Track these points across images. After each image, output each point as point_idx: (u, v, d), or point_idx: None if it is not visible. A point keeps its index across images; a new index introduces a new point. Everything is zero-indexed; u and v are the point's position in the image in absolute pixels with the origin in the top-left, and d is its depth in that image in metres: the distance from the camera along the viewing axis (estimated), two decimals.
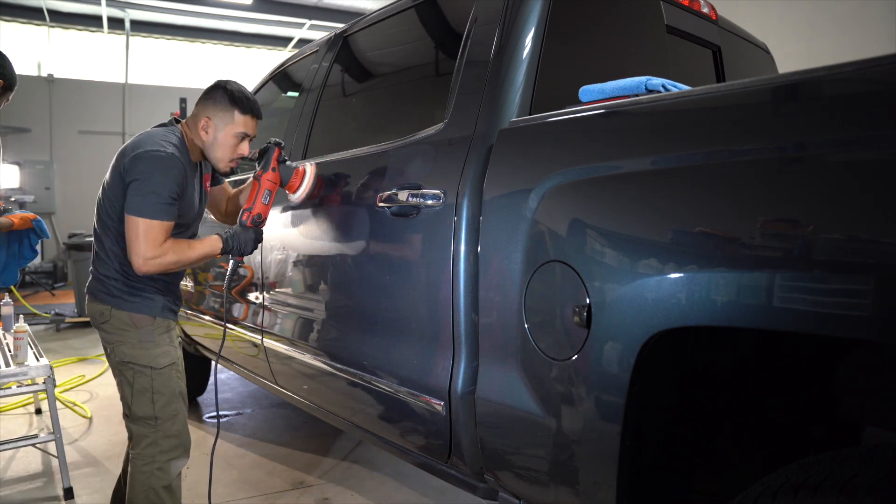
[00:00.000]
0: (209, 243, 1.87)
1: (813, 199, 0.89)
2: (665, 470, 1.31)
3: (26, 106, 9.57)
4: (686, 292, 1.01)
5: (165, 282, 1.92)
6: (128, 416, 1.88)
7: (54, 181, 9.74)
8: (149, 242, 1.73)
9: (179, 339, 2.03)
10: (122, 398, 1.88)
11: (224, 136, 1.91)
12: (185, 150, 1.88)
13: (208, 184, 2.09)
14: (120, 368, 1.86)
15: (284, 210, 2.21)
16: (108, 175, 1.85)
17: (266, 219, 1.97)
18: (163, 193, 1.74)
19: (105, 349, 1.93)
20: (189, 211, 1.92)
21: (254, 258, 2.41)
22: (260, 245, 2.28)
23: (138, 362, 1.83)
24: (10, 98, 2.51)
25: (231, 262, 1.96)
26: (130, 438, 1.89)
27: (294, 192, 2.04)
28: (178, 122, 1.97)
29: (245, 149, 1.97)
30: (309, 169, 2.03)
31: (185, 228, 1.94)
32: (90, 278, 1.92)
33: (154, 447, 1.83)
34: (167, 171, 1.75)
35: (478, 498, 1.61)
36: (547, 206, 1.28)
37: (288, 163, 2.03)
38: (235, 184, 2.56)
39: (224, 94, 1.91)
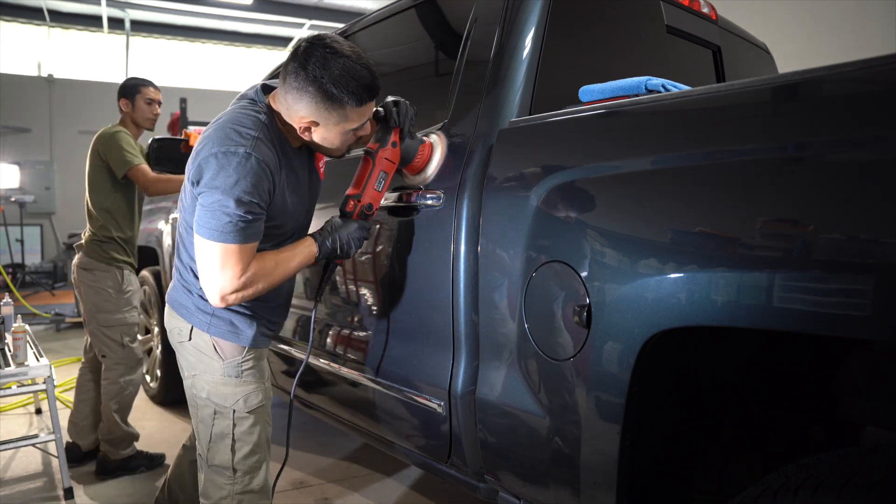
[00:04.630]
0: (301, 252, 1.46)
1: (813, 199, 0.89)
2: (665, 470, 1.31)
3: (26, 106, 9.59)
4: (686, 292, 1.01)
5: (264, 297, 1.49)
6: (201, 456, 1.56)
7: (54, 181, 9.74)
8: (226, 274, 1.33)
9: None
10: (197, 435, 1.56)
11: (334, 135, 1.43)
12: (275, 136, 1.41)
13: (322, 165, 1.62)
14: (196, 402, 1.53)
15: None
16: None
17: (378, 209, 1.55)
18: (238, 210, 1.30)
19: (180, 370, 1.60)
20: (292, 215, 1.49)
21: None
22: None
23: (220, 402, 1.49)
24: None
25: (329, 264, 1.55)
26: (201, 483, 1.58)
27: (416, 172, 1.58)
28: (267, 88, 1.49)
29: (367, 129, 1.49)
30: (438, 143, 1.58)
31: (289, 236, 1.52)
32: (172, 284, 1.60)
33: (230, 502, 1.52)
34: (243, 179, 1.30)
35: (478, 498, 1.61)
36: (547, 206, 1.28)
37: (414, 138, 1.57)
38: None
39: (321, 87, 1.34)
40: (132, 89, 2.93)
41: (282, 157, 1.42)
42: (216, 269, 1.34)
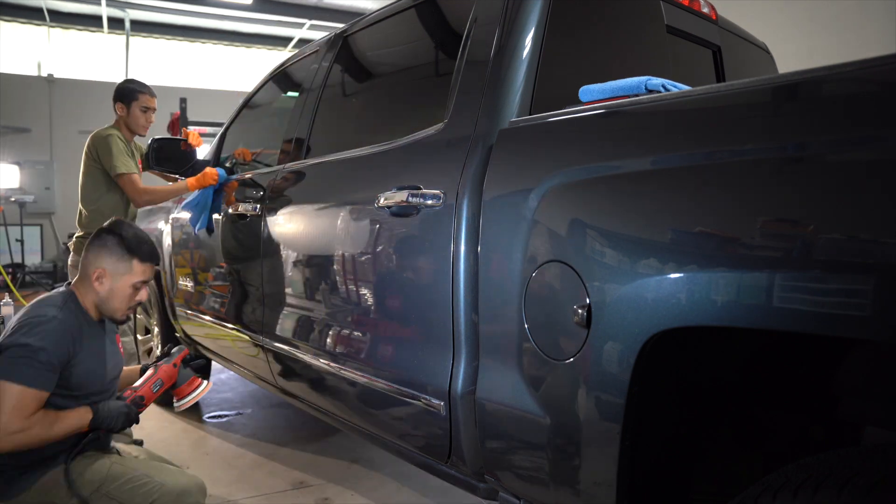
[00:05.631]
0: (78, 416, 1.70)
1: (813, 199, 0.89)
2: (665, 470, 1.31)
3: (26, 106, 9.58)
4: (686, 292, 1.01)
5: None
6: None
7: (54, 181, 9.73)
8: (14, 413, 1.55)
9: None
10: None
11: (121, 287, 1.84)
12: (78, 311, 1.79)
13: (121, 345, 2.04)
14: None
15: (284, 209, 2.21)
16: None
17: (146, 406, 1.93)
18: (39, 358, 1.60)
19: None
20: (92, 378, 1.80)
21: (253, 258, 2.41)
22: (260, 243, 2.29)
23: None
24: None
25: (89, 434, 1.77)
26: None
27: (179, 399, 2.07)
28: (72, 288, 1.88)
29: (143, 295, 1.92)
30: (203, 386, 2.08)
31: (95, 397, 1.80)
32: None
33: None
34: (45, 336, 1.64)
35: (478, 498, 1.61)
36: (547, 206, 1.28)
37: (189, 370, 2.07)
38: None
39: (118, 241, 1.82)
40: (129, 94, 2.94)
41: (84, 327, 1.79)
42: (8, 408, 1.56)
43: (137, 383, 1.95)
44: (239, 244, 2.57)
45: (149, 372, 2.01)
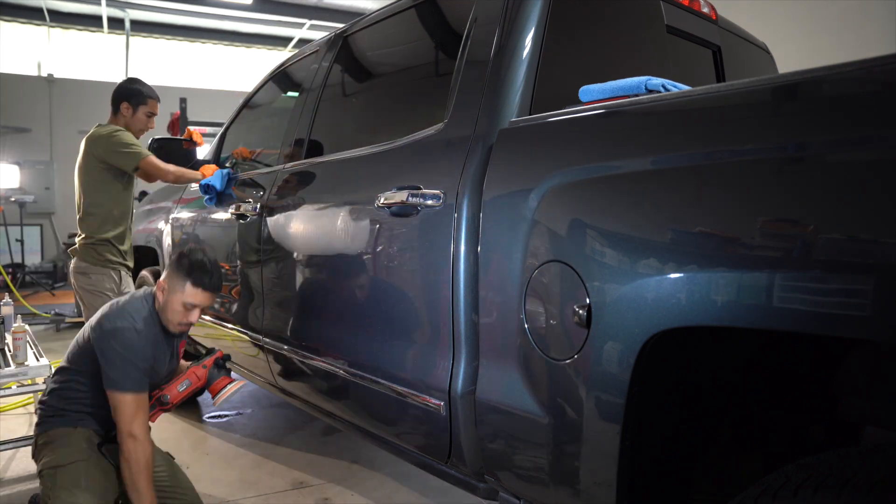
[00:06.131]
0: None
1: (813, 199, 0.88)
2: (665, 470, 1.31)
3: (26, 106, 9.58)
4: (686, 292, 1.01)
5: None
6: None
7: (54, 181, 9.73)
8: (135, 415, 1.91)
9: None
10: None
11: (173, 301, 2.02)
12: (154, 320, 2.05)
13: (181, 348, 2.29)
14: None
15: (284, 209, 2.21)
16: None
17: (173, 403, 2.13)
18: (139, 367, 1.93)
19: None
20: (151, 377, 2.06)
21: (253, 258, 2.41)
22: (260, 243, 2.29)
23: None
24: None
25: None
26: None
27: (213, 396, 2.20)
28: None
29: (195, 317, 2.07)
30: (235, 385, 2.20)
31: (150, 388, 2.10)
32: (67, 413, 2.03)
33: None
34: (139, 350, 1.94)
35: (478, 498, 1.61)
36: (547, 206, 1.28)
37: (217, 371, 2.22)
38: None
39: (183, 263, 2.03)
40: (138, 97, 2.86)
41: (159, 336, 2.06)
42: (128, 414, 1.93)
43: (165, 385, 2.15)
44: (239, 244, 2.57)
45: (177, 375, 2.20)
